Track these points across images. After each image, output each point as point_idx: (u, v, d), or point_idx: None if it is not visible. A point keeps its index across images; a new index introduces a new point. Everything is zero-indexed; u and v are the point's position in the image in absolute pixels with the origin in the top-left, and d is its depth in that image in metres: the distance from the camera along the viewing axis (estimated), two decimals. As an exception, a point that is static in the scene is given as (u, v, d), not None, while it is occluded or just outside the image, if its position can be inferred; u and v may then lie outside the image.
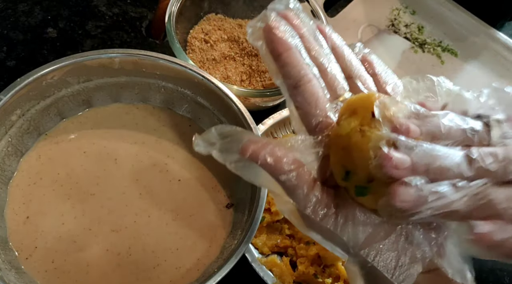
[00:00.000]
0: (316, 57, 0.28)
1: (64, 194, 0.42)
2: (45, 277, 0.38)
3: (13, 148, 0.42)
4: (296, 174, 0.25)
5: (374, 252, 0.26)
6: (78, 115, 0.47)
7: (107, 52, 0.43)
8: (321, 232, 0.27)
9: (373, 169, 0.23)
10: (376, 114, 0.24)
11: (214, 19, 0.59)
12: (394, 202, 0.22)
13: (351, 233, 0.26)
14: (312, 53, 0.28)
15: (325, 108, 0.27)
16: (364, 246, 0.26)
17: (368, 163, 0.24)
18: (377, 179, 0.24)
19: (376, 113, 0.24)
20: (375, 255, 0.26)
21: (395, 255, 0.26)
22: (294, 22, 0.29)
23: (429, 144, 0.23)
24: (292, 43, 0.27)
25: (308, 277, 0.46)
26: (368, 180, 0.24)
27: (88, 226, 0.41)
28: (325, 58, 0.28)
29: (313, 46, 0.28)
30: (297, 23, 0.29)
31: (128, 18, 0.62)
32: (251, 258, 0.44)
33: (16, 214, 0.41)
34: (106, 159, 0.44)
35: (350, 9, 0.69)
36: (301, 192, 0.25)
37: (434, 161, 0.23)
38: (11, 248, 0.39)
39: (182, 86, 0.46)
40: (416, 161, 0.22)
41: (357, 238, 0.26)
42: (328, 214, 0.26)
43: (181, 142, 0.47)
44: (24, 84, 0.40)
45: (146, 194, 0.43)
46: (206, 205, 0.44)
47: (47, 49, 0.57)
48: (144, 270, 0.40)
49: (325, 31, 0.30)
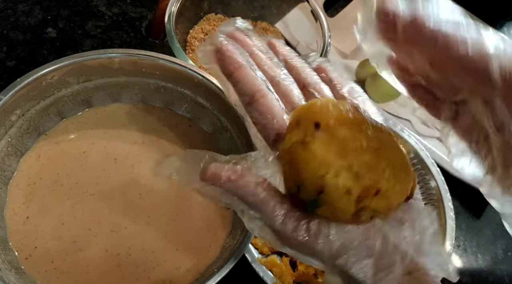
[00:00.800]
0: (267, 71, 0.28)
1: (64, 194, 0.42)
2: (45, 277, 0.38)
3: (13, 148, 0.42)
4: (261, 190, 0.24)
5: (350, 260, 0.25)
6: (78, 115, 0.47)
7: (107, 52, 0.43)
8: (296, 246, 0.26)
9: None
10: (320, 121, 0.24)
11: (214, 19, 0.59)
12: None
13: (324, 243, 0.25)
14: (263, 67, 0.28)
15: (282, 119, 0.27)
16: (339, 255, 0.25)
17: (314, 176, 0.23)
18: (327, 189, 0.23)
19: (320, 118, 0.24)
20: (352, 263, 0.24)
21: (372, 261, 0.25)
22: (243, 40, 0.29)
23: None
24: (242, 60, 0.27)
25: (308, 277, 0.46)
26: (317, 192, 0.24)
27: (88, 226, 0.41)
28: (277, 70, 0.28)
29: (264, 61, 0.29)
30: (246, 41, 0.29)
31: (128, 18, 0.62)
32: (251, 258, 0.44)
33: (16, 214, 0.40)
34: (106, 159, 0.44)
35: (350, 9, 0.69)
36: (269, 207, 0.25)
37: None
38: (11, 248, 0.39)
39: (182, 86, 0.46)
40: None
41: (331, 247, 0.25)
42: (298, 226, 0.25)
43: (181, 142, 0.47)
44: (24, 84, 0.40)
45: (146, 194, 0.43)
46: (206, 205, 0.44)
47: (47, 49, 0.57)
48: (144, 270, 0.40)
49: (275, 44, 0.30)
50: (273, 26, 0.61)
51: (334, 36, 0.60)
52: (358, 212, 0.24)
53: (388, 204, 0.25)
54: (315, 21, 0.57)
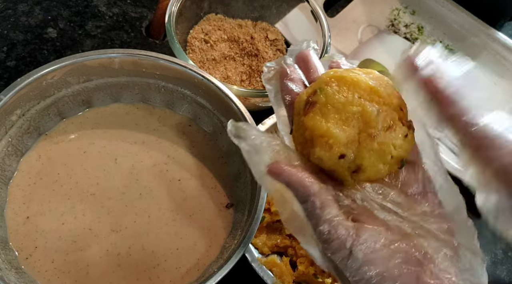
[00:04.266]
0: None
1: (64, 194, 0.42)
2: (45, 277, 0.38)
3: (13, 148, 0.42)
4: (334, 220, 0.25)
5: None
6: (78, 115, 0.47)
7: (107, 52, 0.43)
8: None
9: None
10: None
11: (214, 19, 0.59)
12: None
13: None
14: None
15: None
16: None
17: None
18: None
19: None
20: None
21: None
22: (309, 66, 0.32)
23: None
24: (297, 89, 0.31)
25: (308, 277, 0.46)
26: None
27: (88, 226, 0.41)
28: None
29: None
30: (313, 68, 0.32)
31: (128, 18, 0.62)
32: (251, 258, 0.44)
33: (16, 214, 0.41)
34: (106, 159, 0.44)
35: (350, 9, 0.69)
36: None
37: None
38: (11, 248, 0.39)
39: (182, 86, 0.46)
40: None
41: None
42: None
43: (181, 142, 0.47)
44: (24, 84, 0.40)
45: (146, 194, 0.43)
46: (206, 205, 0.44)
47: (47, 49, 0.57)
48: (144, 270, 0.40)
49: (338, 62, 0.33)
50: (273, 26, 0.61)
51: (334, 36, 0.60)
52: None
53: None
54: (315, 21, 0.57)
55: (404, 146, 0.27)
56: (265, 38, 0.59)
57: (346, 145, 0.27)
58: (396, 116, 0.27)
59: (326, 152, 0.27)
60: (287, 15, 0.61)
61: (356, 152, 0.27)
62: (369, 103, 0.27)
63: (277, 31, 0.61)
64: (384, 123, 0.27)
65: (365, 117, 0.27)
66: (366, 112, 0.27)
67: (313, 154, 0.27)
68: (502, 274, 0.56)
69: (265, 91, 0.50)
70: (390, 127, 0.27)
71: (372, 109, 0.27)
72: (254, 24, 0.61)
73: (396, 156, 0.27)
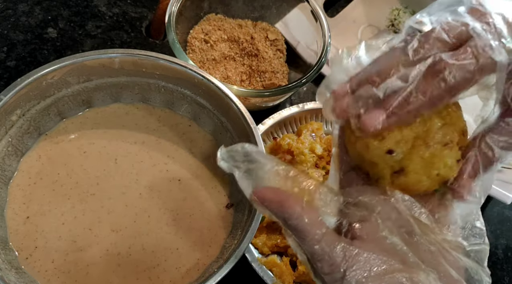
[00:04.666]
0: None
1: (64, 194, 0.42)
2: (45, 277, 0.38)
3: (13, 148, 0.42)
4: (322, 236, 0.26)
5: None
6: (78, 115, 0.47)
7: (107, 52, 0.43)
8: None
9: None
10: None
11: (214, 19, 0.59)
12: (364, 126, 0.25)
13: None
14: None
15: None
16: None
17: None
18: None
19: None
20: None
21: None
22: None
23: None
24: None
25: (308, 277, 0.46)
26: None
27: (88, 226, 0.41)
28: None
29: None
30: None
31: (128, 18, 0.62)
32: (251, 258, 0.44)
33: (16, 214, 0.41)
34: (106, 159, 0.44)
35: (350, 9, 0.69)
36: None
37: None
38: (11, 248, 0.39)
39: (182, 86, 0.46)
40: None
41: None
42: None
43: (181, 142, 0.47)
44: (24, 84, 0.40)
45: (146, 194, 0.43)
46: (206, 205, 0.44)
47: (47, 49, 0.58)
48: (144, 270, 0.40)
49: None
50: (273, 26, 0.61)
51: (334, 36, 0.60)
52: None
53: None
54: (315, 21, 0.57)
55: (454, 169, 0.27)
56: (265, 38, 0.59)
57: (398, 143, 0.26)
58: (456, 138, 0.27)
59: (376, 141, 0.26)
60: (287, 15, 0.61)
61: (405, 154, 0.26)
62: (437, 114, 0.26)
63: (277, 31, 0.61)
64: (443, 138, 0.26)
65: (428, 125, 0.26)
66: (431, 120, 0.26)
67: (361, 140, 0.26)
68: (502, 274, 0.56)
69: (265, 91, 0.50)
70: (447, 144, 0.26)
71: (437, 121, 0.26)
72: (254, 24, 0.61)
73: (442, 175, 0.27)
